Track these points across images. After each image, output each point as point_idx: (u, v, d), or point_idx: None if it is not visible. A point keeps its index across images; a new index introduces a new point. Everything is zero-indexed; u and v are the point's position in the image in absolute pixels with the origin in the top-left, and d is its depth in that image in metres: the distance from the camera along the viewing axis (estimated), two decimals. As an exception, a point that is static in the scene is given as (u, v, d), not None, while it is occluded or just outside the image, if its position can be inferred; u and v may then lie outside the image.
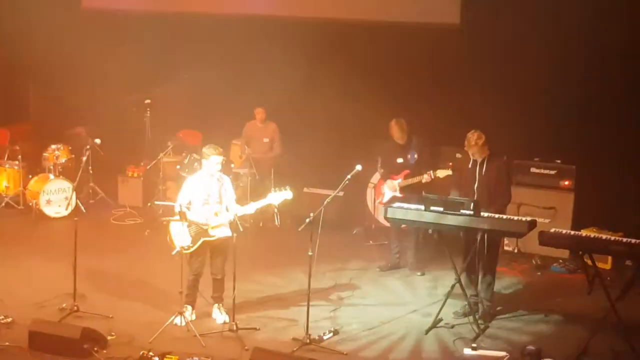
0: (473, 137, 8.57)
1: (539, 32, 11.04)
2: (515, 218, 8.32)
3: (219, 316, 8.50)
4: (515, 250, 10.69)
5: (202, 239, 8.29)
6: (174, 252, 8.38)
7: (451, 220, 8.28)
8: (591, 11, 10.62)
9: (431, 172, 9.70)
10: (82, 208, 11.61)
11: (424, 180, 9.74)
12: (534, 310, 8.90)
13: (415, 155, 10.02)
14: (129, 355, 7.57)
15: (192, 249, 8.31)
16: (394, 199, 9.89)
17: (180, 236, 8.26)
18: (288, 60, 12.23)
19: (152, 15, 13.36)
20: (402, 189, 10.00)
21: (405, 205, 8.88)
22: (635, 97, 10.56)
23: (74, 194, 9.08)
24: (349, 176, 8.45)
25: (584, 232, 8.54)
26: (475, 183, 8.63)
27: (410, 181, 9.91)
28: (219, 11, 13.12)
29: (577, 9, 10.69)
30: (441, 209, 8.33)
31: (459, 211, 8.23)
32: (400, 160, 10.06)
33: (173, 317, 8.23)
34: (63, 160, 12.16)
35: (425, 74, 11.83)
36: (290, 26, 12.46)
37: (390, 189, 10.12)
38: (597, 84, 10.81)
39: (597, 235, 8.24)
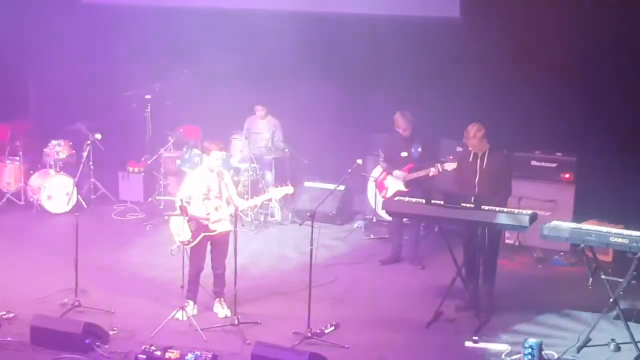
0: (472, 130, 8.57)
1: (539, 25, 11.02)
2: (516, 211, 8.31)
3: (221, 310, 8.51)
4: (516, 243, 10.68)
5: (202, 234, 8.30)
6: (173, 247, 8.40)
7: (452, 213, 8.28)
8: (591, 3, 10.60)
9: (438, 165, 9.69)
10: (83, 203, 11.61)
11: (431, 174, 9.73)
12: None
13: (419, 149, 10.01)
14: (131, 350, 7.58)
15: (192, 244, 8.31)
16: (398, 193, 9.87)
17: (180, 231, 8.27)
18: (288, 54, 12.22)
19: (152, 10, 13.34)
20: (407, 182, 9.99)
21: (406, 198, 8.89)
22: (636, 89, 10.54)
23: (75, 189, 9.07)
24: (349, 170, 8.45)
25: (584, 225, 8.51)
26: (476, 177, 8.62)
27: (415, 175, 9.90)
28: (219, 5, 13.11)
29: (577, 1, 10.68)
30: (442, 202, 8.34)
31: (460, 205, 8.24)
32: (404, 154, 10.04)
33: (175, 311, 8.24)
34: (64, 156, 12.16)
35: (425, 67, 11.80)
36: (290, 20, 12.43)
37: (395, 183, 10.10)
38: (597, 76, 10.80)
39: (597, 227, 8.22)
